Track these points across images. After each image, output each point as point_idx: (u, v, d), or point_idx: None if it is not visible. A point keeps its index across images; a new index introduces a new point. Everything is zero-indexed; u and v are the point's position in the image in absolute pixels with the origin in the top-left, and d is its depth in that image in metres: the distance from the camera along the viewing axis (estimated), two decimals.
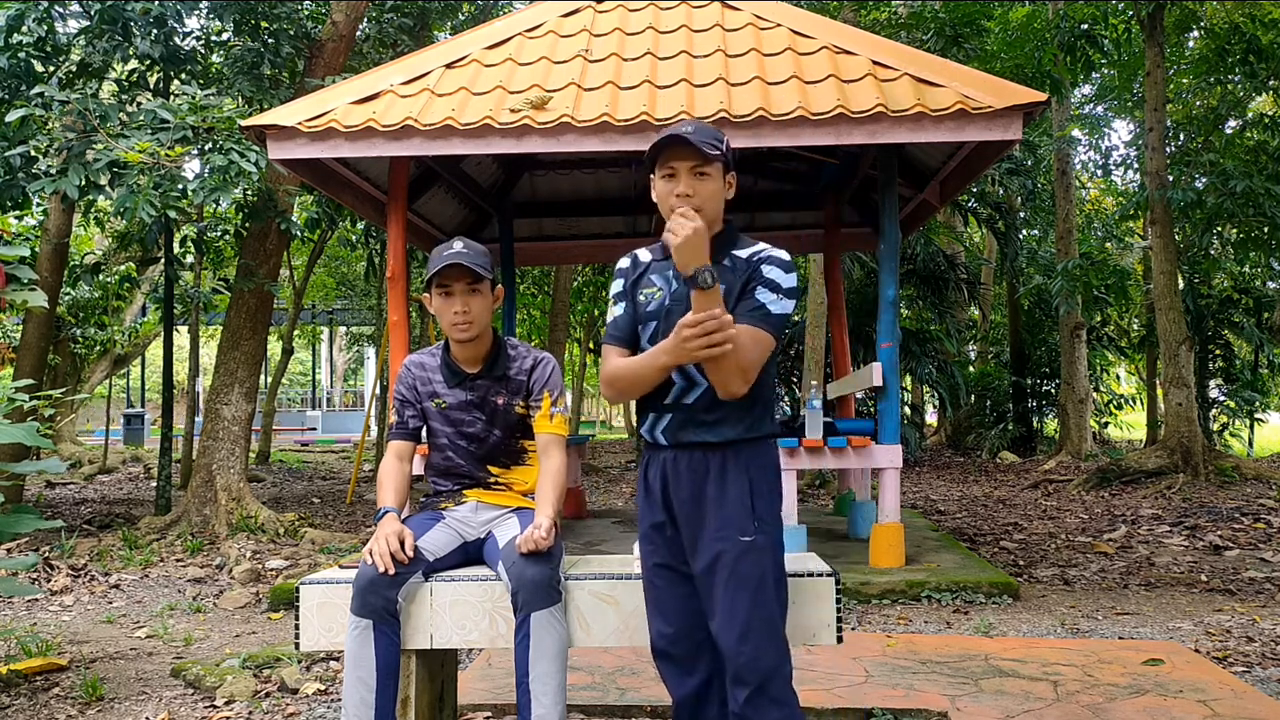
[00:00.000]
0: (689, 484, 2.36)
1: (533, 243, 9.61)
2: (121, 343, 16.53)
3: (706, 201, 2.33)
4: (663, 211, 2.38)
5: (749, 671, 2.24)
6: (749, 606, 2.27)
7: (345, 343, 36.82)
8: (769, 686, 2.24)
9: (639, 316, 2.44)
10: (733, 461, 2.34)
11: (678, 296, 2.37)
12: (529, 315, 21.48)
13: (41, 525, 3.96)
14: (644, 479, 2.47)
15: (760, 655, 2.25)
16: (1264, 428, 19.22)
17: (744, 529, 2.30)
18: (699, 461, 2.36)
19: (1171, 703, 3.57)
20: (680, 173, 2.34)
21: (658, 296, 2.42)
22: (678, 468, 2.38)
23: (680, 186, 2.34)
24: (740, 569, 2.28)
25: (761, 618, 2.27)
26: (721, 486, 2.33)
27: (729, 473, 2.34)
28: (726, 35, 6.41)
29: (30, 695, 3.96)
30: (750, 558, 2.29)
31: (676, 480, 2.38)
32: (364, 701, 2.56)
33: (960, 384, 15.59)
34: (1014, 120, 5.33)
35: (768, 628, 2.28)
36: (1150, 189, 10.72)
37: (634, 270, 2.50)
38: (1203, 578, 6.12)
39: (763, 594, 2.29)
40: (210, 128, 6.63)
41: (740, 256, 2.38)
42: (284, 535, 7.75)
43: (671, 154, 2.34)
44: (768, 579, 2.31)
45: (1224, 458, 10.91)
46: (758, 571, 2.29)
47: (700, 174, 2.34)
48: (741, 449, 2.35)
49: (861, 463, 6.04)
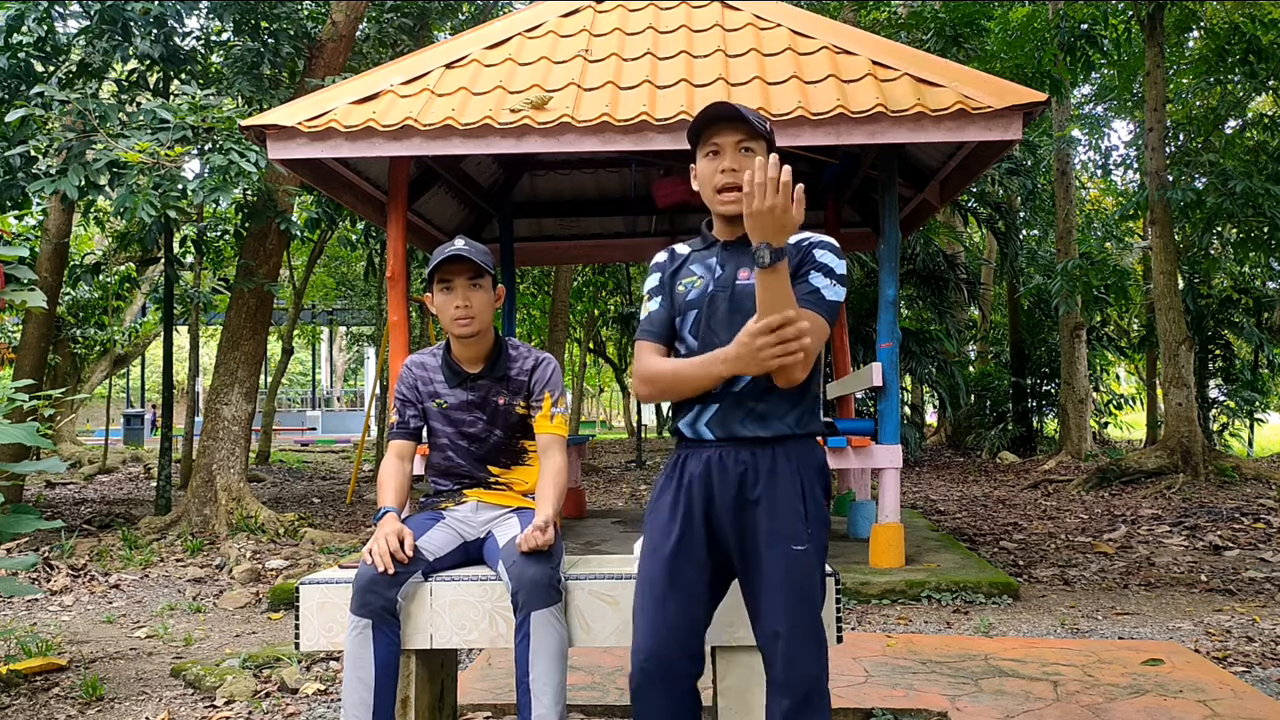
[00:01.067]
0: (736, 483, 2.22)
1: (533, 243, 9.61)
2: (121, 343, 16.54)
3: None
4: (705, 197, 2.27)
5: (798, 681, 2.18)
6: (800, 618, 2.19)
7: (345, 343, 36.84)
8: (812, 696, 2.19)
9: (677, 307, 2.33)
10: (784, 461, 2.22)
11: (723, 283, 2.26)
12: (529, 315, 21.49)
13: (41, 525, 3.96)
14: (678, 477, 2.30)
15: (808, 666, 2.19)
16: (1264, 428, 19.22)
17: (798, 537, 2.19)
18: (748, 458, 2.22)
19: (1171, 703, 3.57)
20: (725, 149, 2.21)
21: (699, 285, 2.30)
22: (724, 464, 2.23)
23: (726, 162, 2.21)
24: (793, 580, 2.19)
25: (811, 629, 2.20)
26: (772, 487, 2.21)
27: (780, 473, 2.21)
28: (726, 35, 6.41)
29: (30, 695, 3.96)
30: (803, 568, 2.20)
31: (723, 478, 2.23)
32: (363, 701, 2.56)
33: (960, 384, 15.59)
34: (1014, 120, 5.33)
35: (815, 638, 2.20)
36: (1150, 189, 10.72)
37: (672, 263, 2.40)
38: (1203, 578, 6.12)
39: (813, 605, 2.21)
40: (210, 128, 6.63)
41: (790, 241, 2.25)
42: (284, 535, 7.75)
43: (716, 130, 2.23)
44: (817, 588, 2.22)
45: (1224, 458, 10.91)
46: (810, 582, 2.20)
47: (746, 149, 2.21)
48: (792, 446, 2.24)
49: (861, 463, 6.04)
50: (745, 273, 2.24)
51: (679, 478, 2.29)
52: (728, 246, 2.32)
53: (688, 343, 2.31)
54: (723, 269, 2.29)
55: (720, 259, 2.31)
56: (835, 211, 8.62)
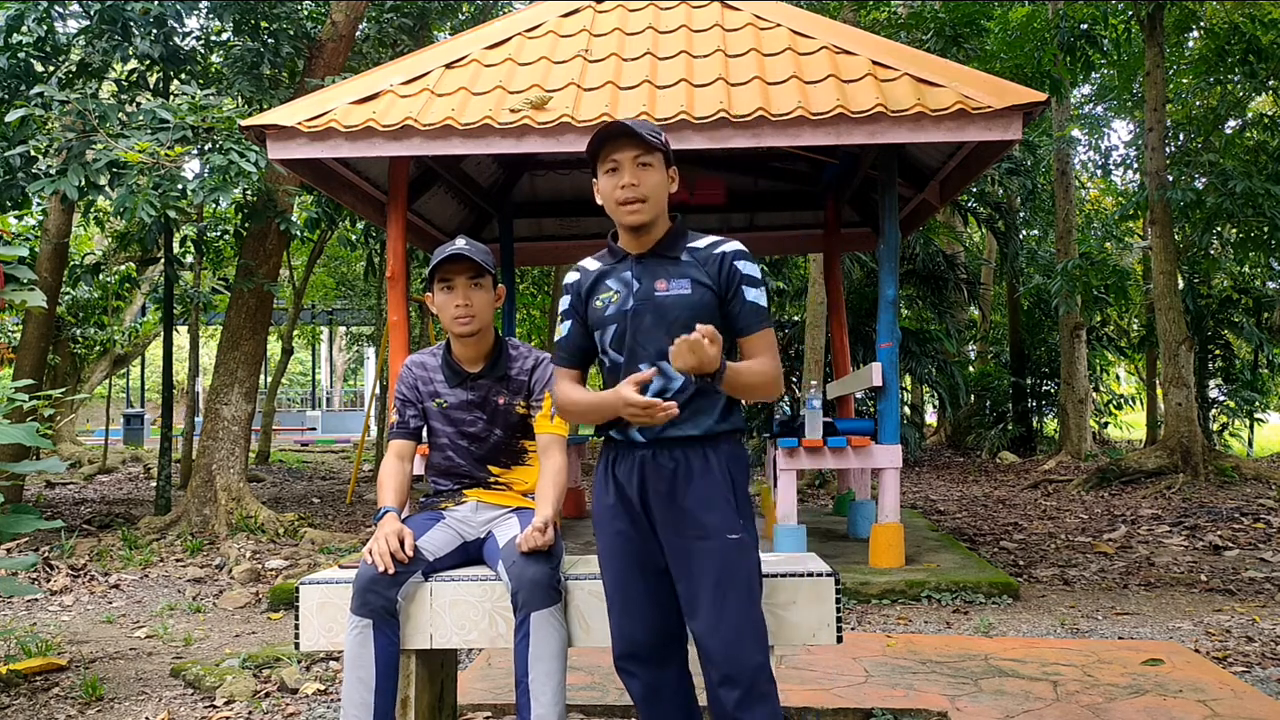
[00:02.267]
0: (669, 480, 2.33)
1: (533, 243, 9.60)
2: (121, 343, 16.52)
3: (652, 192, 2.34)
4: (609, 210, 2.40)
5: (740, 672, 2.24)
6: (739, 607, 2.26)
7: (345, 343, 36.82)
8: (758, 683, 2.25)
9: (594, 323, 2.44)
10: (713, 456, 2.33)
11: (642, 296, 2.37)
12: (529, 315, 21.47)
13: (41, 525, 3.96)
14: (611, 478, 2.40)
15: (750, 655, 2.25)
16: (1264, 428, 19.22)
17: (732, 527, 2.30)
18: (680, 456, 2.33)
19: (1171, 703, 3.57)
20: (624, 165, 2.34)
21: (616, 299, 2.40)
22: (657, 463, 2.34)
23: (626, 178, 2.34)
24: (730, 569, 2.28)
25: (750, 618, 2.28)
26: (704, 482, 2.32)
27: (711, 468, 2.33)
28: (726, 35, 6.41)
29: (30, 695, 3.96)
30: (738, 557, 2.29)
31: (656, 476, 2.34)
32: (363, 702, 2.56)
33: (960, 384, 15.59)
34: (1014, 120, 5.33)
35: (754, 627, 2.29)
36: (1150, 189, 10.72)
37: (585, 281, 2.48)
38: (1203, 578, 6.12)
39: (751, 593, 2.30)
40: (210, 128, 6.63)
41: (698, 248, 2.40)
42: (284, 535, 7.74)
43: (612, 147, 2.35)
44: (753, 577, 2.32)
45: (1224, 458, 10.91)
46: (745, 570, 2.30)
47: (643, 164, 2.34)
48: (720, 442, 2.35)
49: (861, 463, 6.04)
50: (662, 284, 2.37)
51: (614, 481, 2.40)
52: (640, 260, 2.42)
53: (610, 356, 2.42)
54: (639, 282, 2.40)
55: (635, 272, 2.41)
56: (835, 211, 8.62)
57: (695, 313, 2.32)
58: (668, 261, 2.39)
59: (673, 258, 2.39)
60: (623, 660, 2.42)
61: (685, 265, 2.37)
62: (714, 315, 2.34)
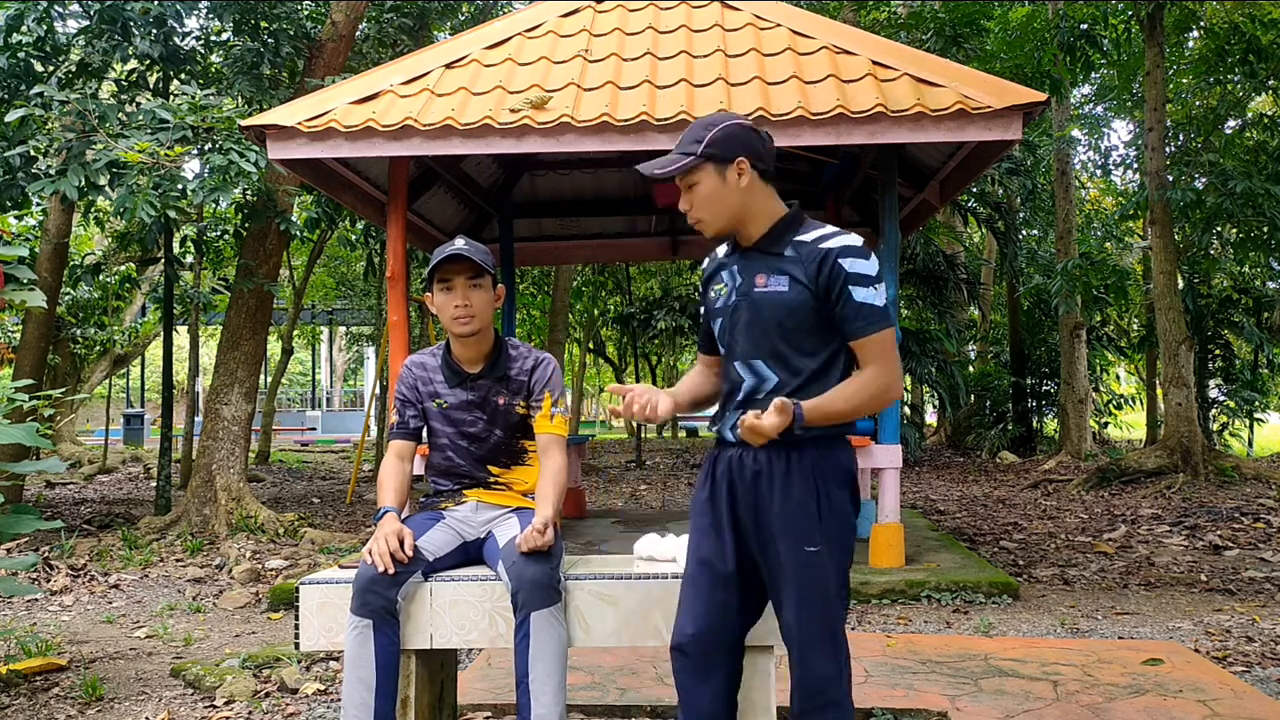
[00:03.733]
0: (753, 484, 2.27)
1: (533, 243, 9.60)
2: (121, 343, 16.52)
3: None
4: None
5: (811, 681, 2.22)
6: (812, 619, 2.21)
7: (345, 343, 36.81)
8: (829, 691, 2.22)
9: (710, 314, 2.43)
10: (798, 463, 2.23)
11: (742, 291, 2.32)
12: (529, 315, 21.48)
13: (41, 525, 3.96)
14: (710, 474, 2.38)
15: (821, 669, 2.21)
16: (1264, 428, 19.21)
17: (809, 539, 2.21)
18: (763, 461, 2.26)
19: (1171, 703, 3.57)
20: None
21: (724, 293, 2.38)
22: (743, 464, 2.29)
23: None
24: (804, 581, 2.21)
25: (825, 630, 2.22)
26: (787, 489, 2.23)
27: (794, 475, 2.23)
28: (726, 35, 6.41)
29: (30, 695, 3.96)
30: (814, 570, 2.21)
31: (742, 478, 2.29)
32: (363, 702, 2.56)
33: (960, 384, 15.58)
34: (1014, 120, 5.33)
35: (830, 639, 2.23)
36: (1150, 189, 10.72)
37: (708, 270, 2.48)
38: (1203, 578, 6.12)
39: (827, 607, 2.22)
40: (210, 128, 6.63)
41: (805, 242, 2.27)
42: (284, 535, 7.74)
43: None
44: (831, 589, 2.23)
45: (1224, 458, 10.91)
46: (822, 583, 2.22)
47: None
48: (808, 449, 2.24)
49: (862, 463, 6.02)
50: (761, 279, 2.29)
51: (711, 477, 2.38)
52: (745, 254, 2.36)
53: (720, 348, 2.42)
54: (741, 277, 2.34)
55: (740, 266, 2.36)
56: (835, 211, 8.62)
57: (789, 313, 2.24)
58: (771, 256, 2.29)
59: (776, 253, 2.28)
60: (673, 650, 2.37)
61: (787, 261, 2.26)
62: (812, 315, 2.24)
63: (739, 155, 2.27)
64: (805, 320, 2.24)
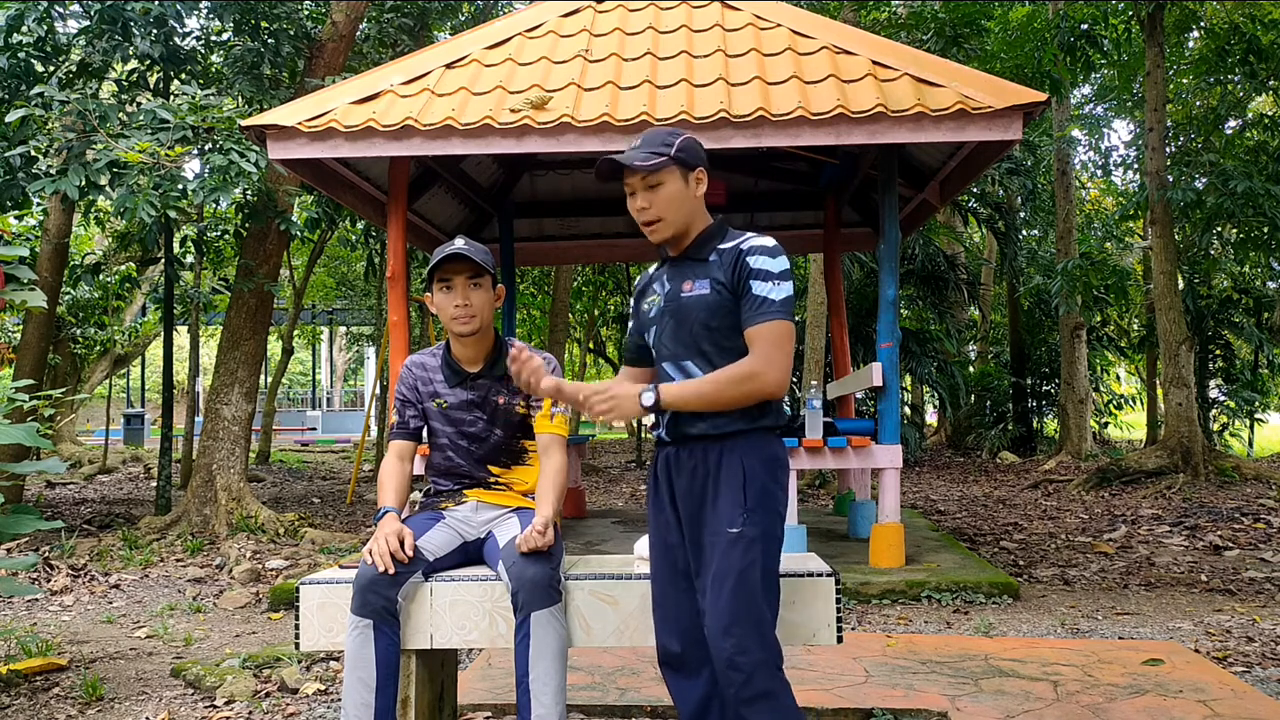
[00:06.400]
0: (689, 479, 2.37)
1: (533, 243, 9.60)
2: (121, 343, 16.52)
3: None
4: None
5: (732, 668, 2.21)
6: (730, 599, 2.22)
7: (345, 343, 36.82)
8: (755, 680, 2.21)
9: (643, 324, 2.53)
10: (729, 455, 2.33)
11: (670, 297, 2.44)
12: (529, 315, 21.46)
13: (41, 525, 3.96)
14: (653, 476, 2.49)
15: (744, 650, 2.21)
16: (1264, 428, 19.20)
17: (731, 520, 2.28)
18: (699, 456, 2.36)
19: (1171, 703, 3.57)
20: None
21: (656, 303, 2.48)
22: (679, 462, 2.39)
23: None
24: (725, 562, 2.25)
25: (745, 612, 2.22)
26: (718, 481, 2.32)
27: (725, 466, 2.32)
28: (726, 35, 6.41)
29: (30, 695, 3.96)
30: (736, 550, 2.25)
31: (679, 475, 2.39)
32: (364, 702, 2.56)
33: (960, 384, 15.59)
34: (1014, 120, 5.33)
35: (752, 622, 2.22)
36: (1150, 189, 10.71)
37: (640, 285, 2.61)
38: (1203, 578, 6.12)
39: (744, 586, 2.23)
40: (210, 128, 6.63)
41: (725, 248, 2.41)
42: (284, 535, 7.74)
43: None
44: (753, 572, 2.25)
45: (1224, 458, 10.90)
46: (743, 564, 2.25)
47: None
48: (738, 441, 2.33)
49: (861, 463, 6.04)
50: (688, 285, 2.40)
51: (654, 477, 2.48)
52: (675, 263, 2.49)
53: (654, 357, 2.51)
54: (670, 285, 2.46)
55: (669, 275, 2.48)
56: (835, 211, 8.62)
57: (711, 313, 2.35)
58: (696, 263, 2.42)
59: (701, 259, 2.41)
60: (662, 665, 2.47)
61: (711, 265, 2.39)
62: (733, 314, 2.35)
63: (699, 166, 2.43)
64: (727, 319, 2.34)
